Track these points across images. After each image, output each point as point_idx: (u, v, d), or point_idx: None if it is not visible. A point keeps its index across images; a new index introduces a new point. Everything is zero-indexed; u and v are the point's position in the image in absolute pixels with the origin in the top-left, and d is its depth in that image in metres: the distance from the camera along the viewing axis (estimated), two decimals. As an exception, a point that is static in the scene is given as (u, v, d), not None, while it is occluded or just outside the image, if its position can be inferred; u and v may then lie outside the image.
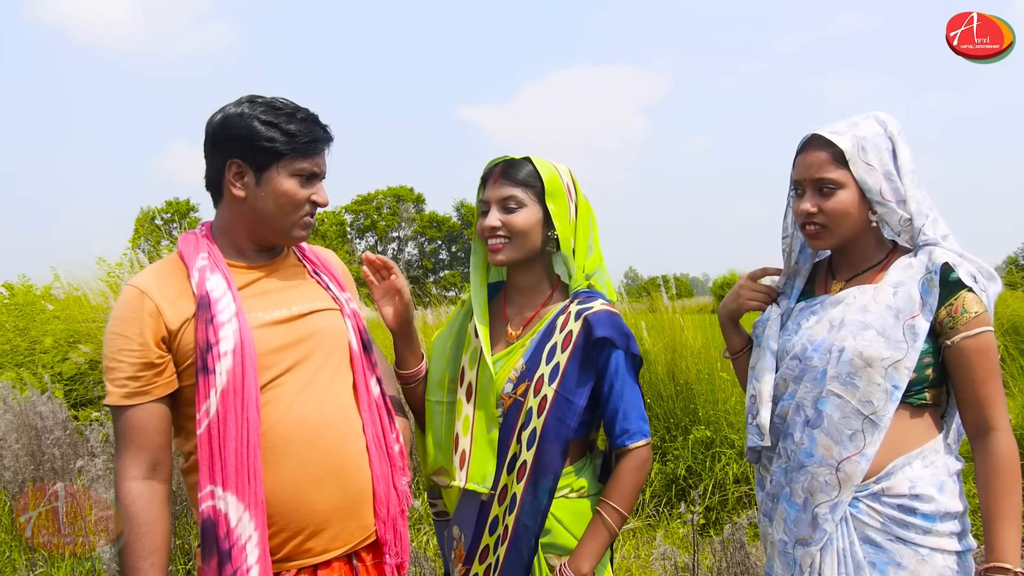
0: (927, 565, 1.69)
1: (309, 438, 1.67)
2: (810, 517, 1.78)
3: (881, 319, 1.74)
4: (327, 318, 1.80)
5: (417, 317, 7.29)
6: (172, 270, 1.72)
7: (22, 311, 8.11)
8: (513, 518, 1.81)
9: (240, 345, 1.62)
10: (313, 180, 1.77)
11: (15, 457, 4.66)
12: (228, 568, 1.56)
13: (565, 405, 1.81)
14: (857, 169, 1.77)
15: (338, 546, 1.71)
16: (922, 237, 1.79)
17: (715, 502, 4.67)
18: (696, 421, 5.02)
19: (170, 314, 1.64)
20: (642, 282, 12.00)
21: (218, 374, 1.60)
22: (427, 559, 3.40)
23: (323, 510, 1.68)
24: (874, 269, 1.85)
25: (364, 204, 59.65)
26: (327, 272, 1.91)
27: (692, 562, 2.97)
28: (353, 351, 1.82)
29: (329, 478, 1.69)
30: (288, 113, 1.73)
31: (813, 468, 1.77)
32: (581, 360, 1.83)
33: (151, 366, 1.63)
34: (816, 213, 1.81)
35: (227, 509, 1.57)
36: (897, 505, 1.72)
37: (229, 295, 1.67)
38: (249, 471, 1.59)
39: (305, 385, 1.70)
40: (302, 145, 1.72)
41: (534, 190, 1.87)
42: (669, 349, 5.42)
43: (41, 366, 6.69)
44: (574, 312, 1.87)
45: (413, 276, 50.46)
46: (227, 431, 1.59)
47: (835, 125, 1.82)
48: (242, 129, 1.69)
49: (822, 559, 1.76)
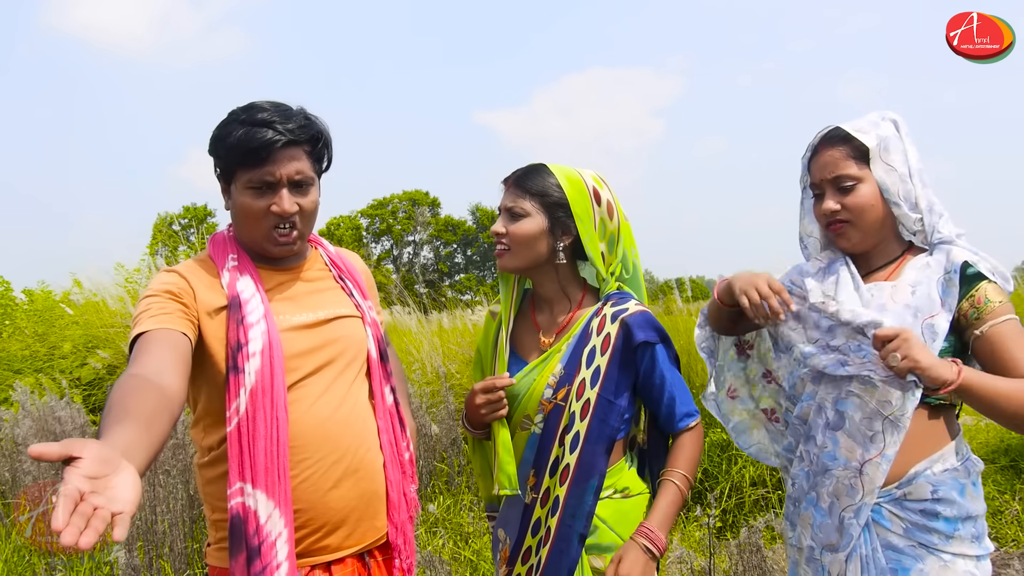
0: (949, 571, 1.68)
1: (329, 439, 1.69)
2: (836, 522, 1.76)
3: (899, 318, 1.73)
4: (349, 325, 1.81)
5: (433, 321, 7.31)
6: (203, 267, 1.75)
7: (41, 317, 8.21)
8: (556, 519, 1.83)
9: (268, 346, 1.64)
10: (270, 189, 1.69)
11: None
12: (258, 564, 1.56)
13: (608, 407, 1.83)
14: (877, 168, 1.77)
15: (351, 544, 1.73)
16: (936, 235, 1.79)
17: (731, 505, 4.65)
18: (712, 424, 5.00)
19: (204, 297, 1.67)
20: (658, 284, 11.97)
21: (247, 374, 1.61)
22: (442, 563, 3.40)
23: (340, 508, 1.70)
24: (890, 265, 1.84)
25: (380, 208, 59.84)
26: (351, 279, 1.91)
27: (709, 565, 2.95)
28: (372, 359, 1.83)
29: (346, 479, 1.71)
30: (240, 120, 1.67)
31: (838, 472, 1.75)
32: (621, 362, 1.85)
33: (177, 298, 1.63)
34: (839, 210, 1.80)
35: (256, 506, 1.58)
36: (920, 510, 1.71)
37: (258, 297, 1.69)
38: (279, 469, 1.60)
39: (327, 388, 1.72)
40: (247, 153, 1.65)
41: (543, 200, 1.87)
42: (685, 352, 5.39)
43: (60, 371, 6.75)
44: (609, 315, 1.88)
45: (429, 280, 50.59)
46: (256, 430, 1.60)
47: (858, 123, 1.82)
48: (212, 147, 1.73)
49: (847, 565, 1.75)
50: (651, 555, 1.76)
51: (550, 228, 1.88)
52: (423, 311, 7.63)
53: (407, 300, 7.54)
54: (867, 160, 1.78)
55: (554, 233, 1.89)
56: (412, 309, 7.39)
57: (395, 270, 58.04)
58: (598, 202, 1.90)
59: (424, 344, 6.34)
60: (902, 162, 1.78)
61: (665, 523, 1.80)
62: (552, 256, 1.91)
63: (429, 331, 6.72)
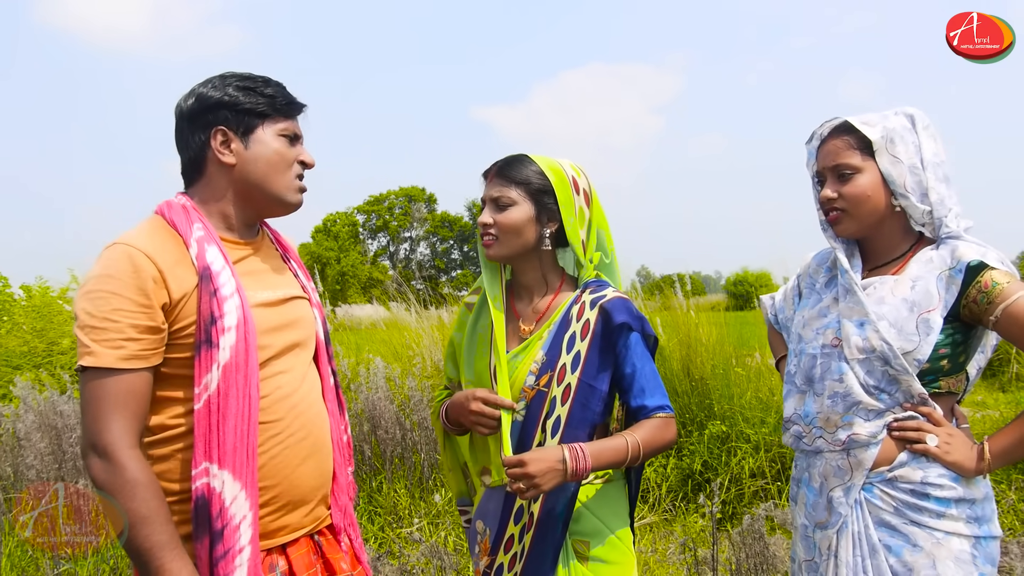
0: (942, 548, 1.72)
1: (299, 415, 1.70)
2: (825, 501, 1.84)
3: (895, 311, 1.77)
4: (302, 306, 1.83)
5: (431, 316, 7.31)
6: (165, 237, 1.63)
7: (39, 313, 8.20)
8: (539, 506, 1.84)
9: (243, 321, 1.60)
10: (296, 142, 1.78)
11: (39, 456, 4.72)
12: (220, 548, 1.53)
13: (589, 391, 1.85)
14: (883, 160, 1.81)
15: (306, 524, 1.74)
16: (944, 229, 1.81)
17: (731, 496, 4.68)
18: (712, 416, 5.03)
19: (172, 282, 1.57)
20: (654, 280, 11.99)
21: (222, 349, 1.56)
22: (447, 553, 3.43)
23: (304, 486, 1.71)
24: (898, 261, 1.87)
25: (376, 204, 59.83)
26: (296, 260, 1.93)
27: (712, 554, 2.98)
28: (320, 341, 1.86)
29: (312, 456, 1.72)
30: (263, 80, 1.76)
31: (827, 453, 1.83)
32: (601, 347, 1.87)
33: (155, 330, 1.55)
34: (836, 198, 1.85)
35: (222, 488, 1.54)
36: (910, 490, 1.75)
37: (228, 270, 1.63)
38: (248, 448, 1.57)
39: (292, 367, 1.73)
40: (283, 106, 1.74)
41: (527, 188, 1.91)
42: (684, 345, 5.43)
43: (59, 367, 6.76)
44: (588, 301, 1.91)
45: (426, 276, 50.56)
46: (228, 407, 1.55)
47: (866, 116, 1.86)
48: (222, 98, 1.70)
49: (838, 541, 1.82)
50: (564, 467, 1.74)
51: (536, 216, 1.92)
52: (423, 306, 7.63)
53: (407, 295, 7.54)
54: (871, 152, 1.81)
55: (540, 221, 1.92)
56: (411, 304, 7.40)
57: (392, 266, 57.97)
58: (577, 191, 1.94)
59: (424, 339, 6.35)
60: (912, 154, 1.81)
61: (597, 455, 1.77)
62: (539, 243, 1.94)
63: (429, 326, 6.74)
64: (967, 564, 1.71)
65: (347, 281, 49.67)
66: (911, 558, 1.73)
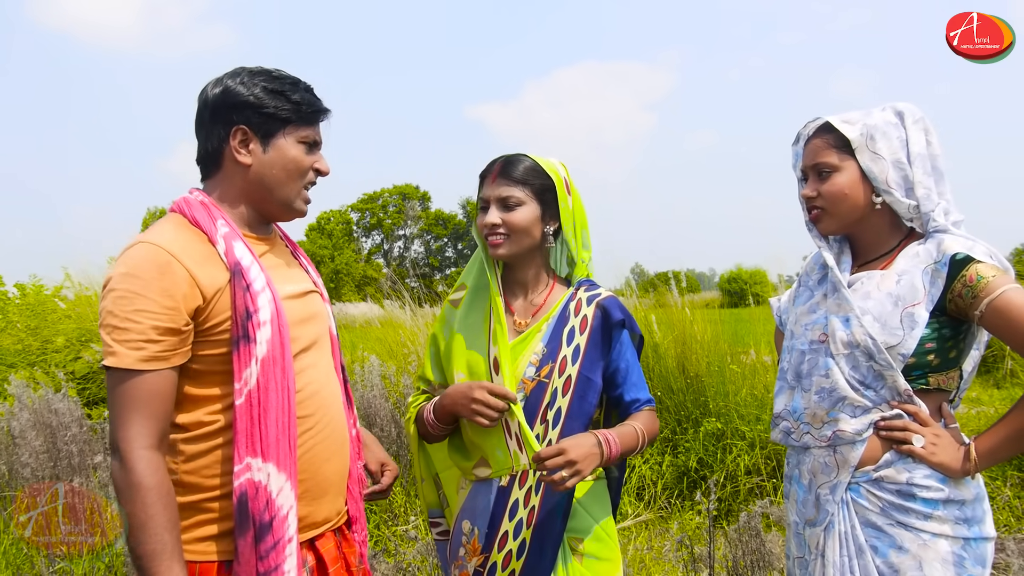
0: (929, 550, 1.72)
1: (328, 410, 1.73)
2: (814, 497, 1.86)
3: (880, 305, 1.78)
4: (317, 300, 1.84)
5: (426, 314, 7.31)
6: (190, 236, 1.62)
7: (34, 311, 8.16)
8: (539, 498, 1.86)
9: (276, 314, 1.61)
10: (315, 149, 1.78)
11: (34, 455, 4.71)
12: (269, 539, 1.54)
13: (587, 384, 1.90)
14: (863, 158, 1.81)
15: (332, 516, 1.76)
16: (932, 224, 1.81)
17: (727, 494, 4.69)
18: (707, 413, 5.04)
19: (205, 281, 1.56)
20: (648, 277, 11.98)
21: (259, 343, 1.57)
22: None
23: (332, 480, 1.73)
24: (887, 256, 1.87)
25: (370, 202, 59.72)
26: (304, 256, 1.94)
27: (708, 551, 2.99)
28: (332, 335, 1.87)
29: (338, 450, 1.75)
30: (291, 83, 1.74)
31: (815, 449, 1.85)
32: (598, 341, 1.94)
33: (176, 332, 1.54)
34: (815, 197, 1.87)
35: (268, 480, 1.55)
36: (895, 491, 1.75)
37: (256, 265, 1.63)
38: (289, 441, 1.59)
39: (318, 360, 1.75)
40: (307, 114, 1.73)
41: (532, 187, 1.94)
42: (679, 343, 5.43)
43: (54, 365, 6.73)
44: (584, 299, 1.98)
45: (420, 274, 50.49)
46: (268, 400, 1.57)
47: (848, 115, 1.86)
48: (248, 96, 1.68)
49: (825, 540, 1.83)
50: (600, 450, 1.78)
51: (541, 215, 1.96)
52: (418, 304, 7.63)
53: (402, 293, 7.53)
54: (851, 150, 1.82)
55: (544, 219, 1.96)
56: (406, 302, 7.39)
57: (386, 264, 57.89)
58: (568, 190, 1.99)
59: (419, 336, 6.35)
60: (897, 149, 1.81)
61: (623, 440, 1.84)
62: (543, 241, 1.98)
63: (424, 323, 6.74)
64: (955, 566, 1.71)
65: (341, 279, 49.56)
66: (897, 559, 1.73)
